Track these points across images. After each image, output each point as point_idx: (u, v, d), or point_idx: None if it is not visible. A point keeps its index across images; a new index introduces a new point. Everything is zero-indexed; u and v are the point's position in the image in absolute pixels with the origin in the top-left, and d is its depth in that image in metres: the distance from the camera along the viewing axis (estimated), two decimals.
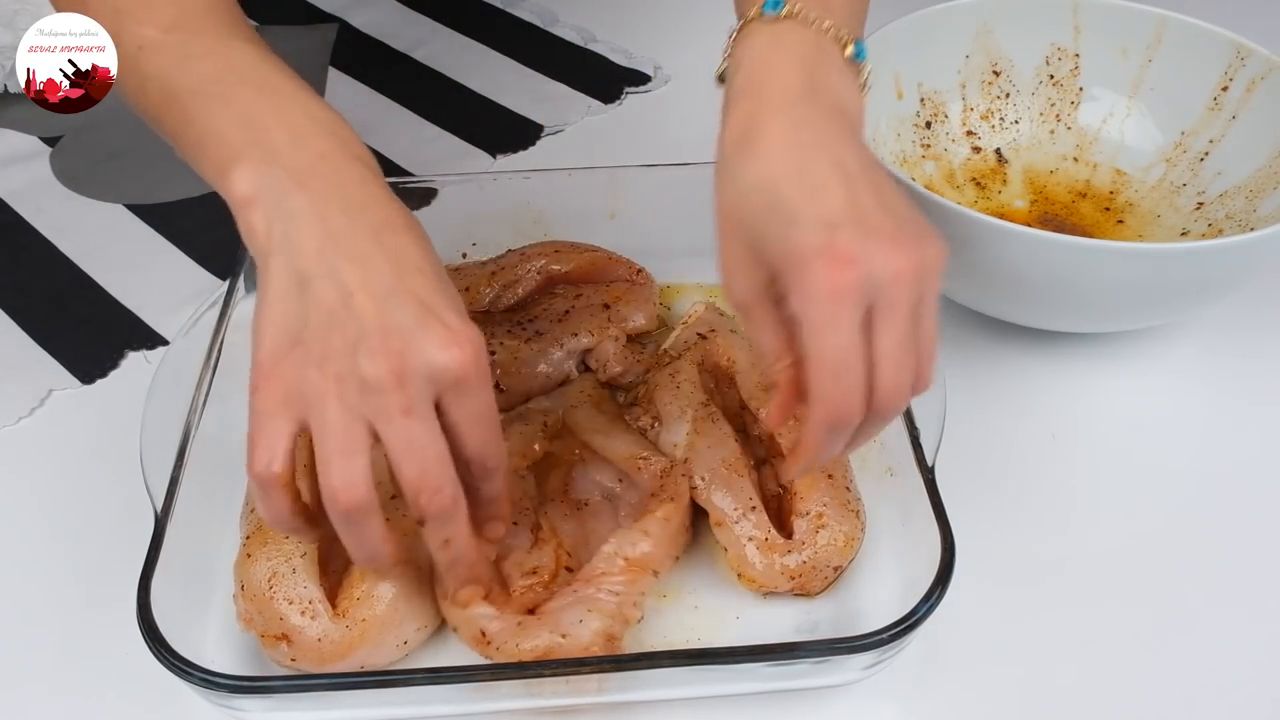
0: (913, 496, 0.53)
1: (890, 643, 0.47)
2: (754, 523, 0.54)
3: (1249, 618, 0.55)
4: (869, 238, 0.44)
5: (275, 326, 0.45)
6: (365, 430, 0.44)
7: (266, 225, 0.46)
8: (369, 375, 0.43)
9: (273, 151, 0.47)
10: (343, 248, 0.45)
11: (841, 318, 0.43)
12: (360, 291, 0.44)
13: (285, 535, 0.50)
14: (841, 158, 0.46)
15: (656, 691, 0.50)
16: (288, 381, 0.44)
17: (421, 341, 0.44)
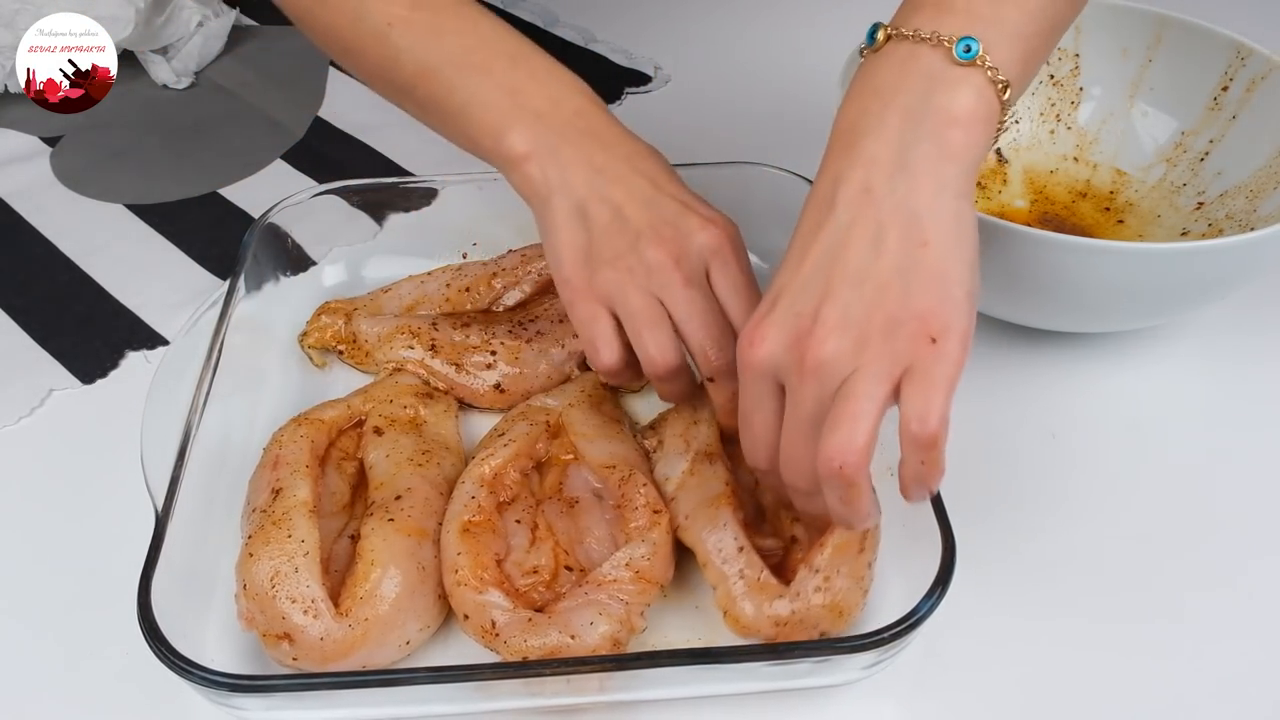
0: None
1: (891, 642, 0.47)
2: (745, 562, 0.51)
3: (1249, 617, 0.55)
4: (789, 320, 0.46)
5: (569, 247, 0.55)
6: (660, 305, 0.54)
7: (542, 174, 0.56)
8: (652, 260, 0.54)
9: (538, 114, 0.56)
10: (607, 176, 0.56)
11: (745, 383, 0.48)
12: (628, 204, 0.55)
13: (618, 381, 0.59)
14: (834, 226, 0.46)
15: (658, 691, 0.50)
16: (592, 286, 0.55)
17: (686, 226, 0.55)
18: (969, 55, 0.46)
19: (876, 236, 0.45)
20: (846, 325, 0.44)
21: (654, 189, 0.56)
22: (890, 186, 0.45)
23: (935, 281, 0.44)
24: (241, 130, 0.88)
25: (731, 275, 0.55)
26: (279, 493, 0.53)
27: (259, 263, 0.67)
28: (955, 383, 0.43)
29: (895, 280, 0.44)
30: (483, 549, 0.52)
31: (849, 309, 0.44)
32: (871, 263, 0.44)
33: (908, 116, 0.46)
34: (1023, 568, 0.57)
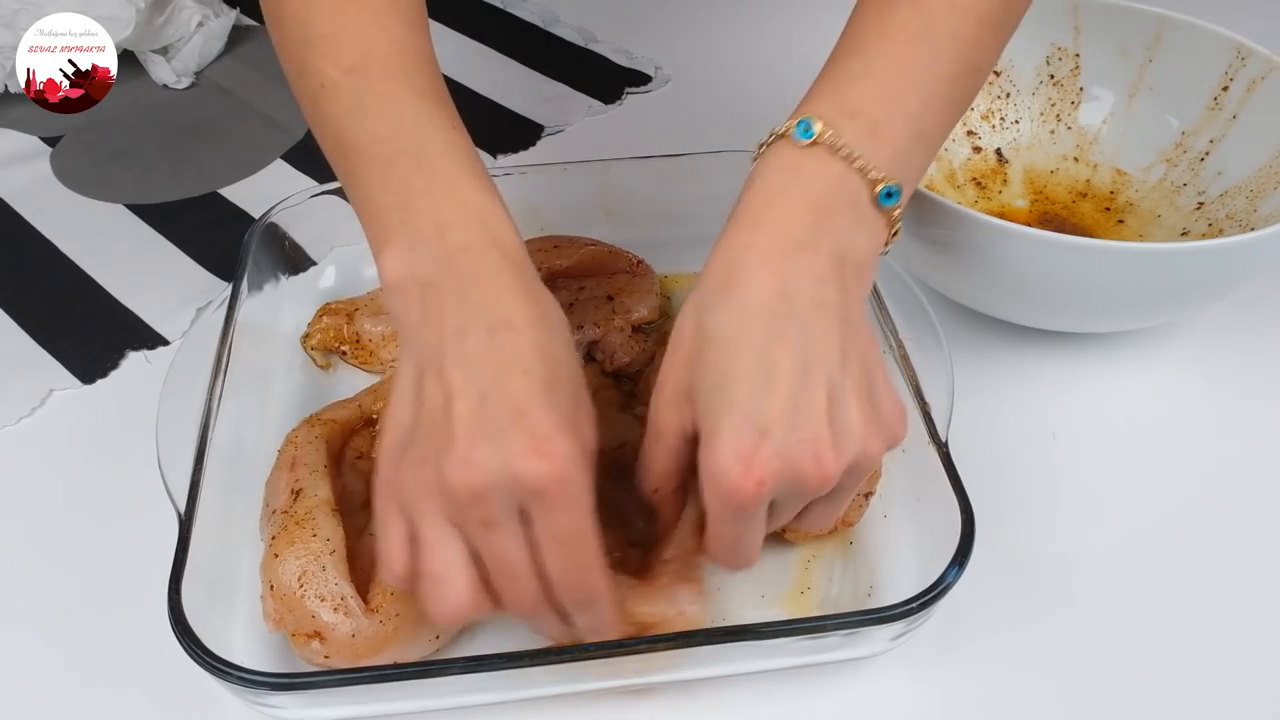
0: (925, 473, 0.54)
1: (919, 611, 0.47)
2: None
3: (1249, 617, 0.55)
4: (793, 451, 0.43)
5: (393, 426, 0.46)
6: (458, 539, 0.44)
7: (405, 313, 0.47)
8: (449, 486, 0.43)
9: (418, 240, 0.47)
10: (454, 348, 0.45)
11: (740, 519, 0.44)
12: (460, 395, 0.44)
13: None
14: (811, 337, 0.44)
15: (688, 671, 0.50)
16: (396, 487, 0.45)
17: (503, 450, 0.43)
18: (889, 202, 0.46)
19: (841, 360, 0.45)
20: (844, 454, 0.44)
21: (496, 381, 0.44)
22: (837, 302, 0.45)
23: (889, 392, 0.47)
24: (241, 130, 0.88)
25: (551, 525, 0.43)
26: (299, 493, 0.53)
27: (259, 264, 0.67)
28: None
29: (864, 407, 0.45)
30: None
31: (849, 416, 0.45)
32: (843, 395, 0.45)
33: (838, 243, 0.46)
34: (1022, 567, 0.57)
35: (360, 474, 0.57)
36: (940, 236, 0.63)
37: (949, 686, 0.52)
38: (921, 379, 0.57)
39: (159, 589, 0.48)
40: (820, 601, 0.55)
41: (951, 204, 0.60)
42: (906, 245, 0.67)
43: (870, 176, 0.46)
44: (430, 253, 0.47)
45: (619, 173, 0.71)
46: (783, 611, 0.54)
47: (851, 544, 0.57)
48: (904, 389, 0.57)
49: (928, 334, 0.58)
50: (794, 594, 0.55)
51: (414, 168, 0.49)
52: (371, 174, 0.49)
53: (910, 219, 0.63)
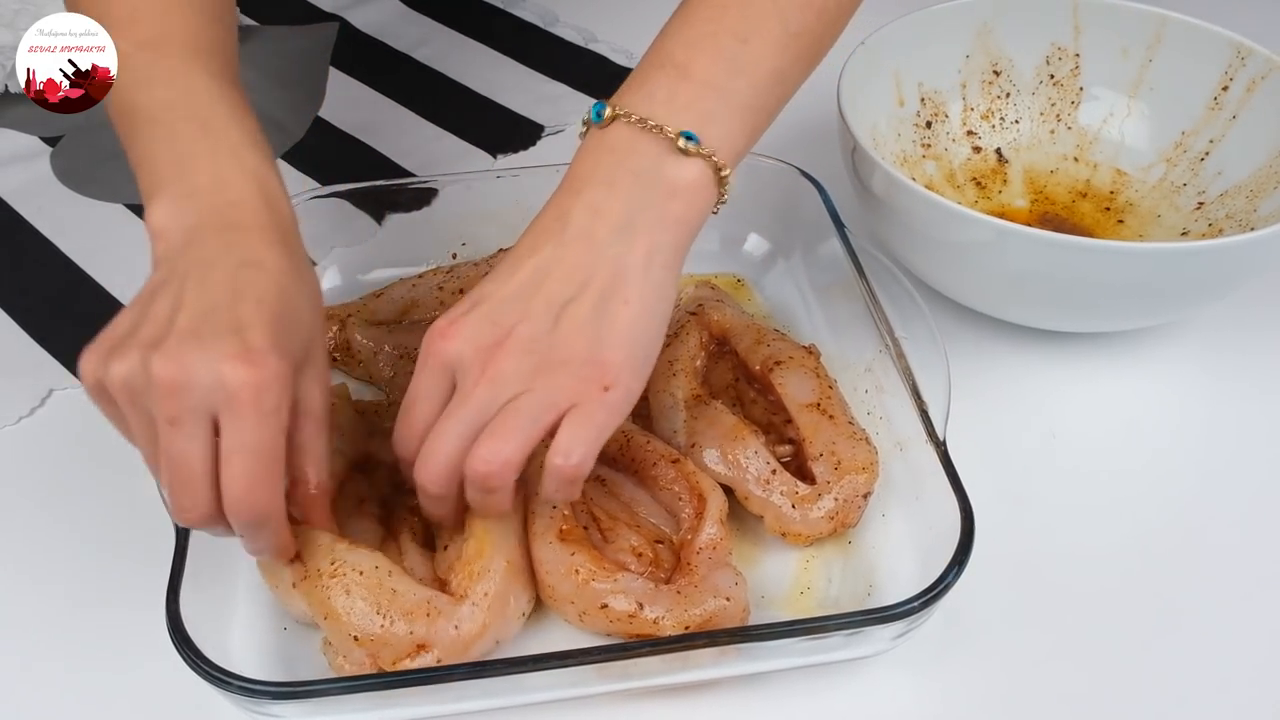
0: (924, 472, 0.54)
1: (920, 610, 0.48)
2: (781, 486, 0.55)
3: (1249, 616, 0.55)
4: (488, 324, 0.48)
5: (114, 324, 0.47)
6: (150, 431, 0.45)
7: (166, 260, 0.48)
8: (155, 374, 0.44)
9: (192, 193, 0.49)
10: (199, 274, 0.47)
11: (427, 377, 0.49)
12: (188, 307, 0.46)
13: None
14: (563, 256, 0.48)
15: (689, 674, 0.51)
16: (95, 376, 0.46)
17: (210, 352, 0.44)
18: (691, 142, 0.49)
19: (585, 281, 0.48)
20: (533, 349, 0.47)
21: (225, 302, 0.45)
22: (610, 240, 0.48)
23: (625, 339, 0.48)
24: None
25: (237, 435, 0.44)
26: (301, 556, 0.51)
27: None
28: (608, 432, 0.47)
29: (590, 326, 0.47)
30: (591, 547, 0.53)
31: (539, 336, 0.47)
32: (572, 301, 0.48)
33: (637, 179, 0.49)
34: (1022, 567, 0.57)
35: (368, 516, 0.55)
36: (940, 236, 0.63)
37: (949, 686, 0.53)
38: (918, 378, 0.57)
39: (158, 590, 0.48)
40: (820, 602, 0.55)
41: (951, 204, 0.60)
42: (905, 244, 0.67)
43: (667, 131, 0.49)
44: (202, 203, 0.49)
45: None
46: (782, 612, 0.54)
47: (850, 544, 0.57)
48: (901, 388, 0.57)
49: (923, 333, 0.58)
50: (794, 594, 0.55)
51: (200, 133, 0.50)
52: (155, 135, 0.51)
53: (910, 219, 0.63)
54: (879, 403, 0.61)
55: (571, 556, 0.52)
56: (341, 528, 0.53)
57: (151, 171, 0.50)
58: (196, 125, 0.51)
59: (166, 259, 0.48)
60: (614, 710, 0.51)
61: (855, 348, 0.63)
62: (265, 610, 0.54)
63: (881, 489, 0.57)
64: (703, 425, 0.58)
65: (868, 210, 0.68)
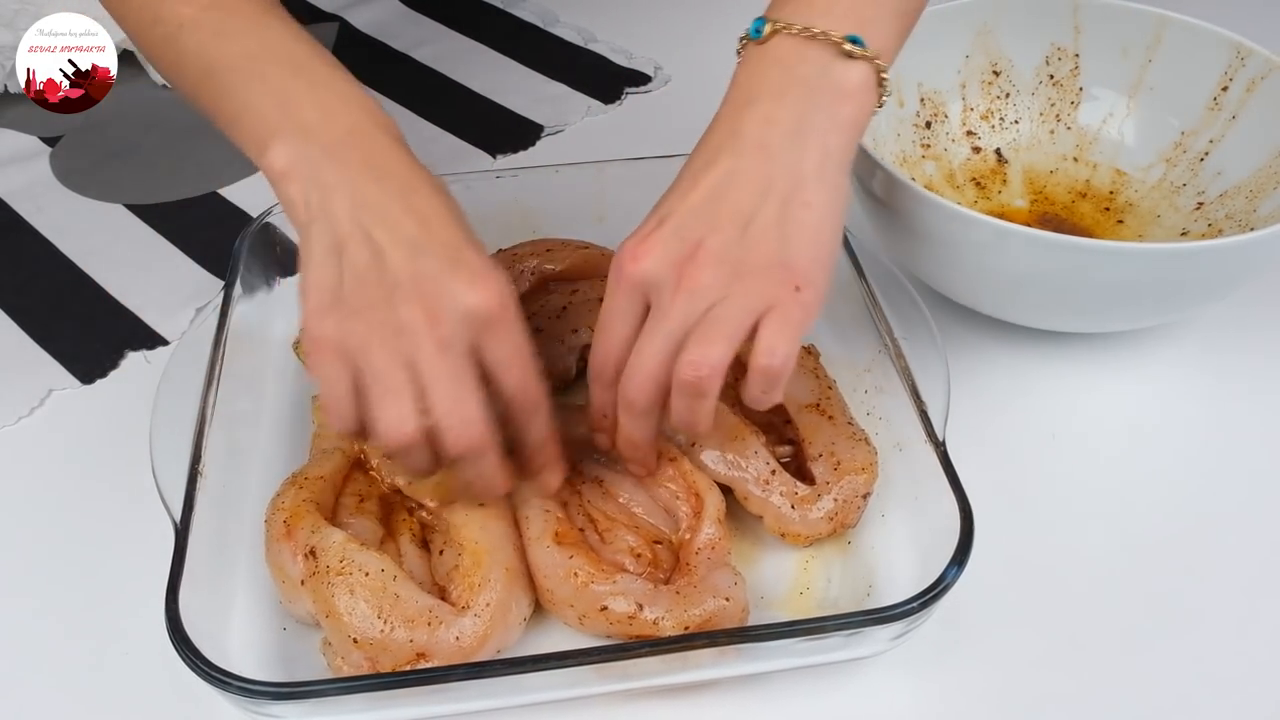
0: (923, 472, 0.54)
1: (919, 611, 0.48)
2: (781, 486, 0.56)
3: (1249, 616, 0.55)
4: (676, 239, 0.49)
5: (317, 289, 0.49)
6: (408, 373, 0.48)
7: (304, 196, 0.50)
8: (404, 319, 0.47)
9: (306, 128, 0.51)
10: (372, 212, 0.49)
11: (622, 299, 0.51)
12: (391, 248, 0.48)
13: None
14: (741, 167, 0.50)
15: (689, 675, 0.50)
16: (334, 338, 0.48)
17: (450, 284, 0.48)
18: (857, 45, 0.50)
19: (766, 189, 0.49)
20: (725, 259, 0.49)
21: (424, 233, 0.49)
22: (784, 146, 0.50)
23: (811, 241, 0.49)
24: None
25: (501, 346, 0.49)
26: (315, 552, 0.51)
27: (256, 265, 0.66)
28: (805, 331, 0.49)
29: (775, 230, 0.49)
30: (588, 549, 0.53)
31: (730, 246, 0.49)
32: (758, 210, 0.49)
33: (805, 87, 0.50)
34: (1021, 567, 0.57)
35: (369, 515, 0.55)
36: (940, 236, 0.63)
37: (948, 686, 0.52)
38: (918, 378, 0.57)
39: (158, 589, 0.48)
40: (819, 602, 0.55)
41: (951, 204, 0.60)
42: (905, 245, 0.67)
43: (832, 36, 0.50)
44: (321, 138, 0.50)
45: (612, 175, 0.71)
46: (782, 613, 0.54)
47: (849, 544, 0.57)
48: (901, 388, 0.57)
49: (923, 333, 0.58)
50: (793, 595, 0.55)
51: (291, 73, 0.52)
52: (248, 87, 0.52)
53: (910, 219, 0.63)
54: (878, 403, 0.61)
55: (569, 559, 0.52)
56: (342, 526, 0.53)
57: (257, 120, 0.51)
58: (287, 68, 0.52)
59: (307, 204, 0.50)
60: (613, 710, 0.51)
61: (855, 348, 0.63)
62: (265, 610, 0.54)
63: (881, 489, 0.57)
64: None
65: (867, 211, 0.68)
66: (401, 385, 0.47)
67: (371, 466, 0.58)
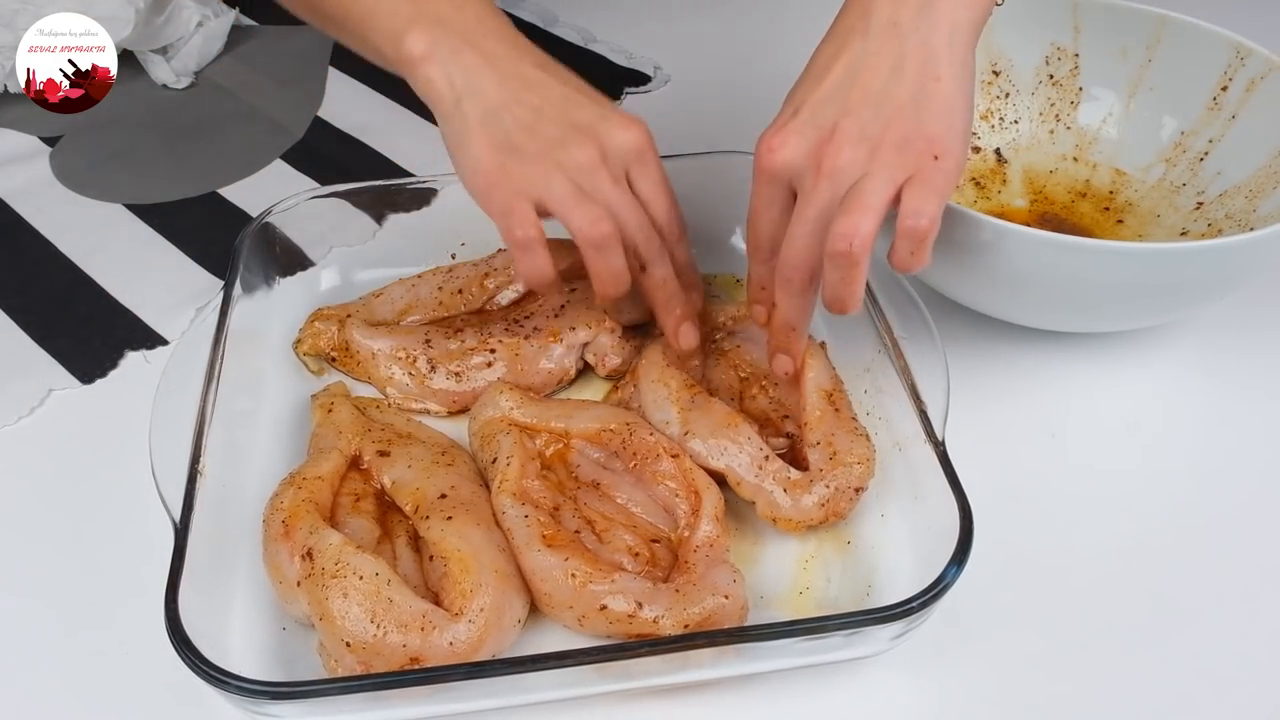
0: (922, 471, 0.54)
1: (919, 610, 0.48)
2: (773, 471, 0.56)
3: (1248, 617, 0.55)
4: (813, 126, 0.51)
5: (487, 146, 0.55)
6: (583, 193, 0.55)
7: (445, 77, 0.56)
8: (581, 160, 0.55)
9: (440, 17, 0.56)
10: (519, 80, 0.56)
11: (768, 190, 0.54)
12: (546, 105, 0.56)
13: (544, 290, 0.60)
14: (871, 50, 0.51)
15: (688, 674, 0.50)
16: (514, 177, 0.55)
17: (608, 128, 0.56)
18: None
19: (896, 66, 0.51)
20: (862, 138, 0.50)
21: (571, 90, 0.57)
22: (915, 24, 0.51)
23: (944, 112, 0.51)
24: (241, 130, 0.88)
25: (652, 175, 0.58)
26: (311, 553, 0.51)
27: (256, 265, 0.67)
28: (948, 195, 0.51)
29: (909, 105, 0.50)
30: (583, 550, 0.53)
31: (866, 125, 0.50)
32: (890, 87, 0.51)
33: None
34: (1021, 567, 0.57)
35: (365, 514, 0.55)
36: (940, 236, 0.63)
37: (948, 686, 0.53)
38: (917, 378, 0.57)
39: (157, 589, 0.48)
40: (819, 602, 0.55)
41: (951, 204, 0.60)
42: None
43: None
44: (455, 26, 0.56)
45: None
46: (782, 612, 0.54)
47: (849, 544, 0.57)
48: (900, 388, 0.57)
49: (922, 332, 0.58)
50: (793, 594, 0.55)
51: None
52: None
53: None
54: (878, 403, 0.61)
55: (565, 561, 0.51)
56: (338, 526, 0.54)
57: (389, 13, 0.57)
58: None
59: (452, 84, 0.56)
60: (613, 710, 0.51)
61: (854, 348, 0.63)
62: (264, 610, 0.54)
63: (881, 489, 0.58)
64: (696, 415, 0.58)
65: None
66: (587, 198, 0.55)
67: (366, 465, 0.58)
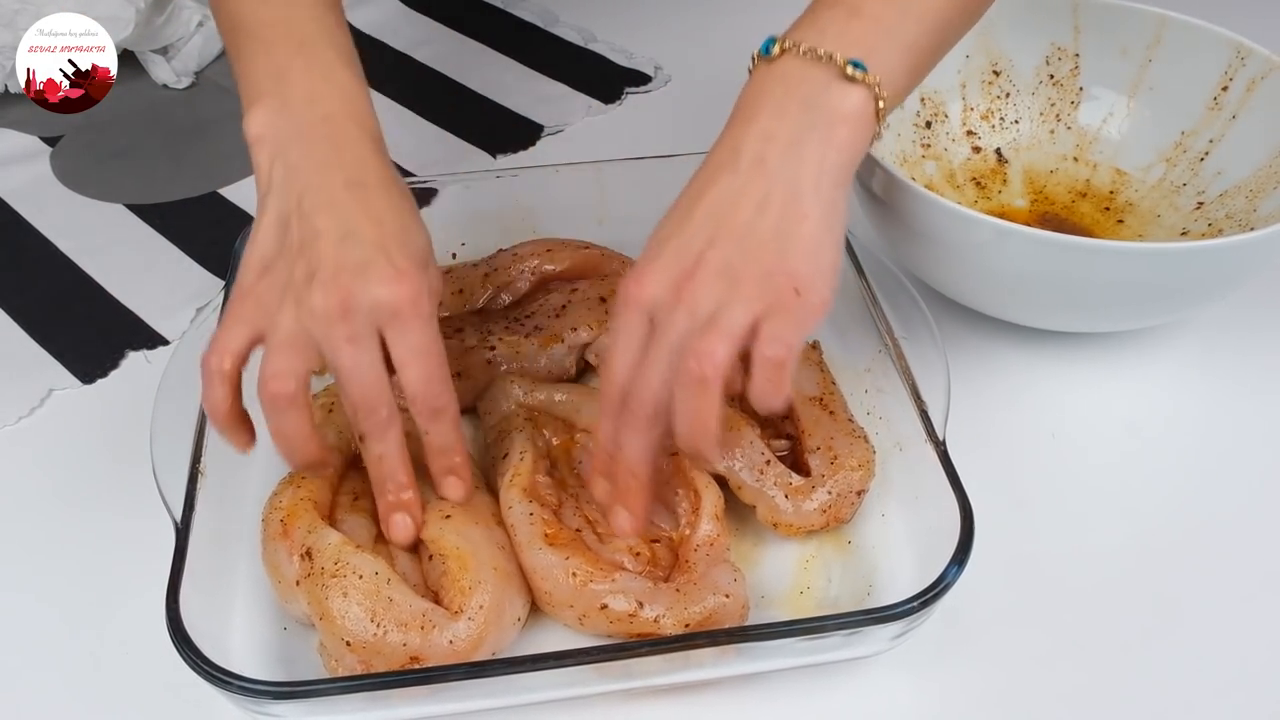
0: (923, 471, 0.54)
1: (920, 610, 0.47)
2: (774, 476, 0.56)
3: (1248, 617, 0.55)
4: (676, 265, 0.49)
5: (256, 255, 0.52)
6: (310, 342, 0.50)
7: (268, 165, 0.54)
8: (319, 305, 0.50)
9: (288, 104, 0.54)
10: (319, 197, 0.52)
11: (624, 329, 0.51)
12: (325, 234, 0.51)
13: (220, 430, 0.52)
14: (739, 185, 0.50)
15: (688, 674, 0.50)
16: (255, 298, 0.51)
17: (366, 277, 0.50)
18: (858, 69, 0.50)
19: (763, 202, 0.50)
20: (724, 272, 0.49)
21: (364, 224, 0.52)
22: (782, 161, 0.50)
23: (809, 250, 0.49)
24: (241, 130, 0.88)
25: (408, 340, 0.51)
26: (311, 553, 0.51)
27: None
28: (807, 330, 0.49)
29: (773, 241, 0.49)
30: (585, 549, 0.53)
31: (729, 259, 0.49)
32: (755, 223, 0.49)
33: (805, 106, 0.51)
34: (1021, 567, 0.57)
35: (364, 512, 0.55)
36: (940, 236, 0.63)
37: (948, 687, 0.53)
38: (918, 378, 0.57)
39: (158, 589, 0.48)
40: (819, 602, 0.55)
41: (951, 204, 0.60)
42: (905, 245, 0.67)
43: (836, 59, 0.50)
44: (297, 116, 0.54)
45: (611, 174, 0.71)
46: (782, 612, 0.54)
47: (850, 544, 0.57)
48: (901, 388, 0.57)
49: (923, 332, 0.58)
50: (793, 594, 0.55)
51: (296, 50, 0.56)
52: (255, 50, 0.56)
53: (910, 219, 0.63)
54: (878, 403, 0.61)
55: (566, 560, 0.51)
56: (337, 525, 0.53)
57: (251, 83, 0.56)
58: (294, 44, 0.56)
59: (270, 174, 0.53)
60: (613, 710, 0.51)
61: (855, 348, 0.63)
62: (265, 610, 0.54)
63: (881, 489, 0.57)
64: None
65: (867, 211, 0.68)
66: (300, 347, 0.50)
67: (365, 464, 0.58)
